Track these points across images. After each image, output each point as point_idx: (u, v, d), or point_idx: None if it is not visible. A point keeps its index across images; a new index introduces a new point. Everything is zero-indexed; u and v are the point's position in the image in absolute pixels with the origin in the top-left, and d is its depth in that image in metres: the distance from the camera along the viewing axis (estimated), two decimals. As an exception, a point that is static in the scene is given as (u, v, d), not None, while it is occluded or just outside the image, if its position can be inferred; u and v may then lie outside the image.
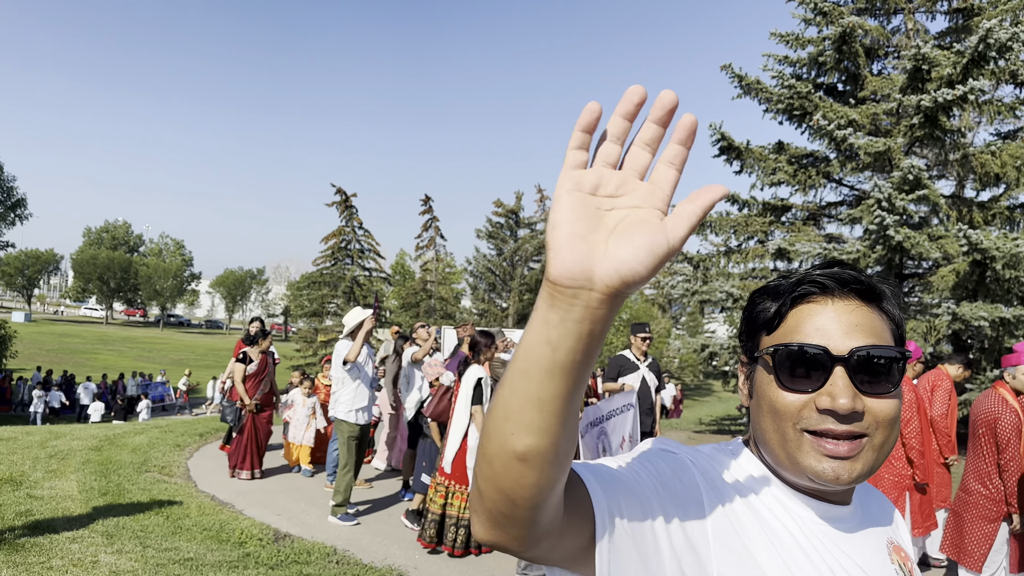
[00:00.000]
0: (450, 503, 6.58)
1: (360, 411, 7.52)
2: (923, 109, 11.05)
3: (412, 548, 6.66)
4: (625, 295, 0.70)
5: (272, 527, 7.06)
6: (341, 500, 7.40)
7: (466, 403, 6.64)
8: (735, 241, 13.86)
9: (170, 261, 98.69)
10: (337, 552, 6.43)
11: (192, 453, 10.45)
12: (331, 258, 42.85)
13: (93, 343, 67.06)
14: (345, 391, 7.48)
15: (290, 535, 6.86)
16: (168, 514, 7.09)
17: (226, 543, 6.38)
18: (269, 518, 7.39)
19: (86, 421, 23.12)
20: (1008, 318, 10.10)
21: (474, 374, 6.68)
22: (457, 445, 6.64)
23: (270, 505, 7.85)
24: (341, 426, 7.49)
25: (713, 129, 13.29)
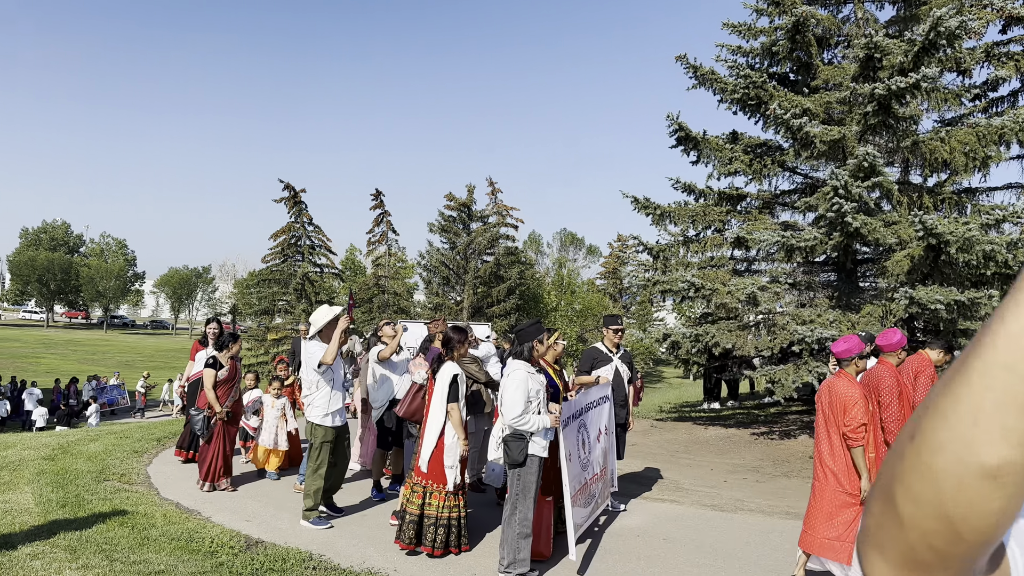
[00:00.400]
0: (428, 503, 6.49)
1: (335, 414, 7.36)
2: (876, 97, 11.24)
3: (390, 550, 6.55)
4: None
5: (243, 534, 6.88)
6: (312, 504, 7.25)
7: (442, 400, 6.54)
8: (693, 231, 13.96)
9: (112, 261, 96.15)
10: (313, 557, 6.29)
11: (151, 459, 10.15)
12: (281, 255, 42.20)
13: (34, 347, 65.06)
14: (320, 395, 7.31)
15: (262, 541, 6.68)
16: (133, 524, 6.85)
17: (197, 553, 6.18)
18: (238, 524, 7.20)
19: (31, 429, 22.35)
20: (963, 301, 10.35)
21: (449, 371, 6.59)
22: (434, 444, 6.54)
23: (238, 511, 7.65)
24: (316, 431, 7.31)
25: (671, 120, 13.35)
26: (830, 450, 5.58)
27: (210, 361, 8.24)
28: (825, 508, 5.55)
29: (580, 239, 63.18)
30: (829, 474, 5.56)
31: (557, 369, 7.13)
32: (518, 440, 5.84)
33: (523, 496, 5.88)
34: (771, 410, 15.46)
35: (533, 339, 6.19)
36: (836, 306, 12.12)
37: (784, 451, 11.27)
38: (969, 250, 10.58)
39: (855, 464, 5.44)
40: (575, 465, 6.49)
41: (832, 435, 5.58)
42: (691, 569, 6.26)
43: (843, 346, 5.75)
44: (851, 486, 5.46)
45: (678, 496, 8.80)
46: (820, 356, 11.98)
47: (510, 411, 5.78)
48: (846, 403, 5.46)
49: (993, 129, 12.18)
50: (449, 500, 6.53)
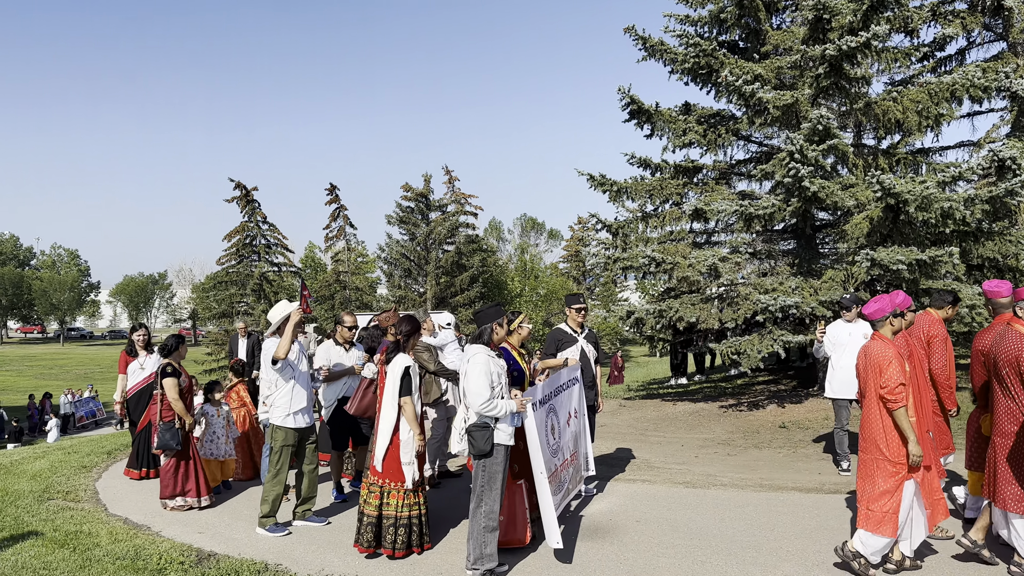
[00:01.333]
0: (386, 503, 6.17)
1: (299, 413, 6.93)
2: (828, 59, 11.09)
3: (351, 554, 6.23)
4: None
5: (195, 547, 6.50)
6: (268, 511, 6.87)
7: (394, 395, 6.21)
8: (651, 205, 13.74)
9: (65, 273, 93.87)
10: (269, 567, 5.95)
11: (100, 474, 9.67)
12: (236, 256, 41.34)
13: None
14: (280, 394, 6.88)
15: (215, 554, 6.32)
16: (76, 545, 6.44)
17: (143, 571, 5.81)
18: (190, 537, 6.81)
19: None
20: (924, 259, 10.26)
21: (401, 363, 6.25)
22: (388, 441, 6.21)
23: (190, 523, 7.25)
24: (276, 433, 6.89)
25: (622, 93, 13.08)
26: (868, 415, 5.31)
27: (168, 369, 7.60)
28: (867, 477, 5.29)
29: (541, 224, 63.06)
30: (869, 441, 5.28)
31: (523, 353, 6.86)
32: (483, 429, 5.56)
33: (488, 487, 5.60)
34: (738, 382, 15.37)
35: (492, 322, 5.91)
36: (797, 273, 11.99)
37: (753, 422, 11.14)
38: (928, 208, 10.49)
39: (899, 428, 5.12)
40: (545, 451, 6.22)
41: (868, 400, 5.30)
42: (665, 550, 6.03)
43: (874, 306, 5.45)
44: (891, 452, 5.15)
45: (650, 475, 8.59)
46: (784, 325, 11.85)
47: (476, 397, 5.50)
48: (880, 364, 5.17)
49: (944, 86, 12.11)
50: (408, 498, 6.21)
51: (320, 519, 7.18)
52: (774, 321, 11.28)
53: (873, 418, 5.27)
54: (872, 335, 5.49)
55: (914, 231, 11.10)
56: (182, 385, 7.58)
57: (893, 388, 5.08)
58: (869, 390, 5.31)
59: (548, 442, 6.39)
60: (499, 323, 5.89)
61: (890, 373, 5.11)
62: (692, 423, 11.59)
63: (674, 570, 5.65)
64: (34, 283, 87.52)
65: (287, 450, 6.92)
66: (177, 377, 7.54)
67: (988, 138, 15.86)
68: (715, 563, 5.74)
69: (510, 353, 6.63)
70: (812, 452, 9.33)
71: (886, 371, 5.13)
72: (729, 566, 5.67)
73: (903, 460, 5.15)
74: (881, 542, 5.18)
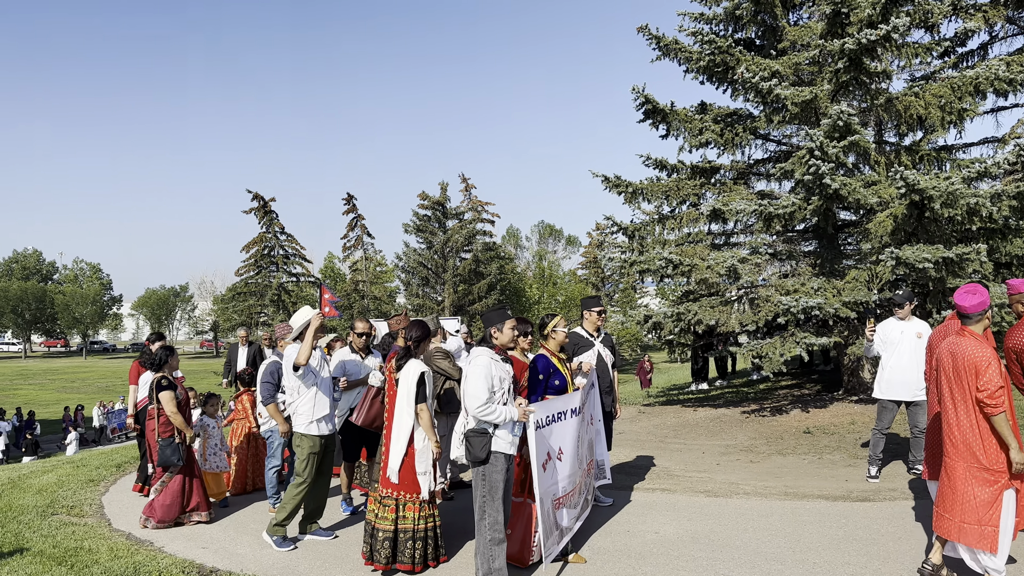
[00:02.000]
0: (403, 516, 5.90)
1: (322, 421, 6.74)
2: (847, 53, 10.76)
3: (356, 569, 6.00)
4: None
5: (197, 563, 6.30)
6: (283, 518, 6.62)
7: (409, 402, 5.94)
8: (668, 207, 13.44)
9: (87, 286, 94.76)
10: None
11: (108, 488, 9.52)
12: (254, 267, 41.47)
13: (12, 379, 64.04)
14: (303, 401, 6.70)
15: (217, 570, 6.11)
16: (74, 562, 6.25)
17: (141, 589, 5.59)
18: (194, 553, 6.61)
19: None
20: (951, 257, 9.89)
21: (416, 369, 5.99)
22: (403, 451, 5.95)
23: (195, 538, 7.05)
24: (302, 442, 6.69)
25: (636, 93, 12.80)
26: (957, 421, 4.89)
27: (164, 383, 7.36)
28: (959, 487, 4.87)
29: (559, 230, 62.76)
30: (961, 447, 4.87)
31: (563, 358, 6.52)
32: (480, 435, 5.33)
33: (491, 497, 5.34)
34: (760, 387, 15.01)
35: (494, 325, 5.65)
36: (820, 274, 11.64)
37: (777, 428, 10.79)
38: (953, 205, 10.12)
39: (999, 434, 4.73)
40: (571, 463, 5.95)
41: (960, 403, 4.88)
42: (685, 563, 5.75)
43: (975, 299, 4.95)
44: (989, 459, 4.77)
45: (669, 484, 8.29)
46: (807, 327, 11.51)
47: (473, 400, 5.24)
48: (978, 365, 4.74)
49: (967, 80, 11.74)
50: (424, 510, 5.97)
51: (327, 533, 6.96)
52: (796, 323, 10.94)
53: (965, 423, 4.87)
54: (959, 331, 5.05)
55: (939, 229, 10.73)
56: (179, 398, 7.36)
57: (994, 392, 4.68)
58: (956, 393, 4.91)
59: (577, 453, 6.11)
60: (498, 328, 5.62)
61: (990, 375, 4.71)
62: (713, 429, 11.26)
63: None
64: (57, 297, 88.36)
65: (314, 458, 6.71)
66: (174, 390, 7.32)
67: (1013, 134, 15.44)
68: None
69: (549, 360, 6.32)
70: (838, 458, 8.99)
71: (985, 373, 4.72)
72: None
73: (1002, 468, 4.77)
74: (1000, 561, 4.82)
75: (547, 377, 6.29)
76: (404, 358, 6.09)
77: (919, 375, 7.56)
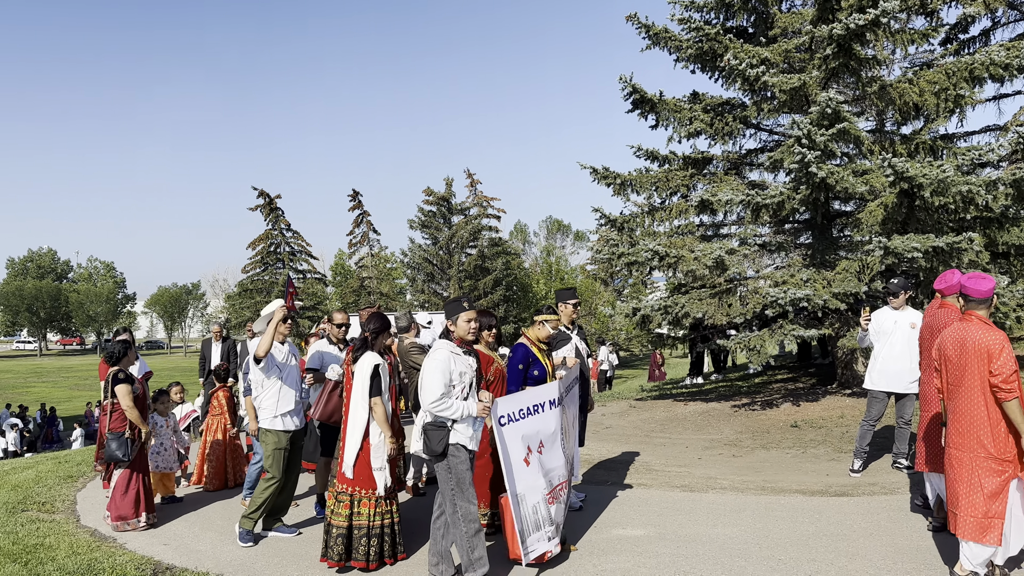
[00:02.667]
0: (357, 512, 5.79)
1: (288, 415, 6.59)
2: (835, 38, 10.53)
3: (313, 567, 5.87)
4: None
5: (154, 560, 6.19)
6: (253, 510, 6.48)
7: (364, 395, 5.82)
8: (658, 198, 13.24)
9: (101, 285, 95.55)
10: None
11: (86, 483, 9.43)
12: (260, 263, 41.51)
13: (26, 376, 64.64)
14: (267, 395, 6.55)
15: (173, 568, 6.00)
16: (28, 559, 6.16)
17: (90, 587, 5.49)
18: (154, 549, 6.51)
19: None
20: (941, 246, 9.66)
21: (369, 361, 5.86)
22: (358, 445, 5.83)
23: (158, 534, 6.95)
24: (267, 437, 6.54)
25: (624, 82, 12.60)
26: (965, 409, 4.68)
27: (121, 376, 7.18)
28: (965, 479, 4.67)
29: (567, 226, 62.39)
30: (968, 437, 4.67)
31: (544, 348, 6.35)
32: (438, 429, 5.14)
33: (460, 490, 5.17)
34: (756, 380, 14.79)
35: (453, 316, 5.43)
36: (811, 265, 11.42)
37: (765, 422, 10.59)
38: (945, 193, 9.88)
39: (1010, 420, 4.52)
40: (555, 455, 5.77)
41: (967, 391, 4.67)
42: (647, 560, 5.59)
43: (987, 284, 4.74)
44: (998, 448, 4.56)
45: (647, 479, 8.12)
46: (798, 319, 11.29)
47: (427, 394, 5.06)
48: (991, 349, 4.54)
49: (962, 66, 11.47)
50: (380, 506, 5.84)
51: (290, 530, 6.84)
52: (785, 315, 10.74)
53: (974, 411, 4.64)
54: (965, 316, 4.83)
55: (931, 218, 10.49)
56: (135, 392, 7.22)
57: (1008, 376, 4.47)
58: (964, 380, 4.69)
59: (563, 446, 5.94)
60: (453, 320, 5.41)
61: (1004, 359, 4.50)
62: (701, 424, 11.07)
63: None
64: (71, 295, 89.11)
65: (280, 453, 6.57)
66: (130, 383, 7.17)
67: (1016, 121, 15.13)
68: (699, 573, 5.28)
69: (528, 349, 6.15)
70: (822, 452, 8.79)
71: (999, 358, 4.52)
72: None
73: (1011, 457, 4.58)
74: (986, 552, 4.64)
75: (526, 367, 6.10)
76: (360, 350, 5.96)
77: (912, 366, 7.35)
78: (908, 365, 7.40)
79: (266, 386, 6.56)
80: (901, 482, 7.23)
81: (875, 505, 6.60)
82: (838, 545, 5.66)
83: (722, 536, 6.05)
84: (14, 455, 22.33)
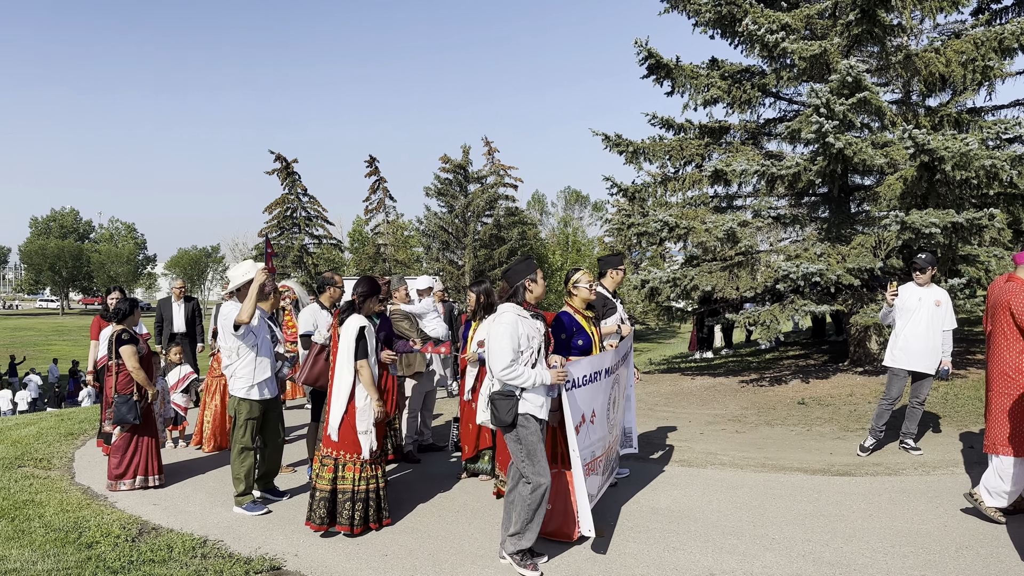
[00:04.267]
0: (341, 476, 5.70)
1: (263, 384, 6.46)
2: (859, 3, 10.13)
3: (298, 532, 5.79)
4: None
5: (141, 520, 6.15)
6: (243, 488, 6.38)
7: (349, 358, 5.70)
8: (672, 168, 12.93)
9: (122, 246, 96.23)
10: (207, 544, 5.55)
11: (86, 441, 9.44)
12: (277, 228, 41.51)
13: (47, 334, 65.59)
14: (243, 363, 6.38)
15: (159, 528, 5.94)
16: (16, 515, 6.14)
17: (71, 544, 5.44)
18: (142, 509, 6.46)
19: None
20: (961, 222, 9.33)
21: (355, 323, 5.71)
22: (343, 408, 5.72)
23: (149, 495, 6.91)
24: (240, 406, 6.40)
25: (639, 46, 12.23)
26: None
27: (125, 336, 7.04)
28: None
29: (585, 196, 61.89)
30: None
31: (590, 317, 5.88)
32: (506, 398, 4.83)
33: (530, 461, 4.84)
34: (767, 356, 14.55)
35: (524, 278, 5.07)
36: (825, 239, 11.13)
37: (772, 398, 10.39)
38: (967, 167, 9.53)
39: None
40: (601, 427, 5.52)
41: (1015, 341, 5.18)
42: (637, 535, 5.44)
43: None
44: None
45: (644, 452, 7.96)
46: (810, 294, 11.03)
47: (497, 362, 4.74)
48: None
49: (992, 35, 11.03)
50: (366, 471, 5.74)
51: (280, 495, 6.75)
52: (796, 290, 10.49)
53: None
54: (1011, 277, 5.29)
55: (952, 193, 10.12)
56: (141, 352, 7.13)
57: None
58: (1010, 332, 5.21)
59: (608, 416, 5.70)
60: (531, 279, 5.07)
61: None
62: (706, 398, 10.88)
63: (640, 556, 5.06)
64: (92, 256, 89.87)
65: (251, 423, 6.45)
66: (135, 344, 7.09)
67: (1047, 95, 14.63)
68: (688, 550, 5.13)
69: (573, 318, 5.74)
70: (828, 431, 8.59)
71: None
72: (703, 554, 5.06)
73: None
74: None
75: (570, 336, 5.71)
76: (347, 312, 5.83)
77: (933, 345, 7.14)
78: (930, 344, 7.16)
79: (242, 354, 6.38)
80: (906, 463, 7.03)
81: (877, 486, 6.41)
82: (835, 526, 5.48)
83: (715, 513, 5.89)
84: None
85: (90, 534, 5.68)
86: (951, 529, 5.30)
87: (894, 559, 4.83)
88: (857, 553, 4.96)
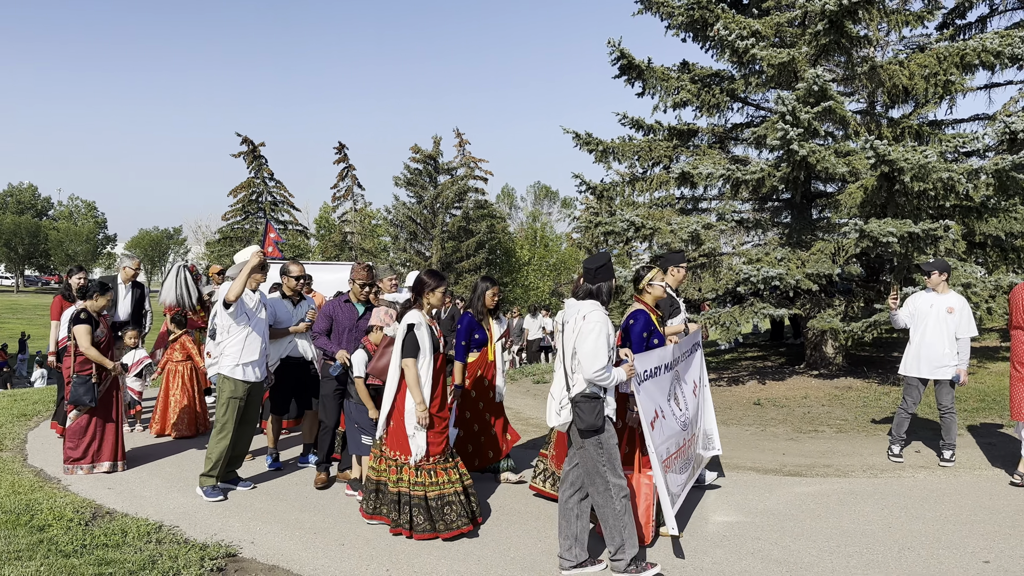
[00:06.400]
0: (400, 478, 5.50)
1: (250, 366, 6.44)
2: (828, 14, 10.34)
3: (256, 519, 5.78)
4: None
5: (95, 504, 6.10)
6: (209, 468, 6.34)
7: (397, 355, 5.53)
8: (640, 168, 13.08)
9: (82, 224, 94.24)
10: (162, 529, 5.52)
11: (40, 422, 9.32)
12: (241, 211, 41.05)
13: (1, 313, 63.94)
14: (232, 341, 6.38)
15: (113, 512, 5.90)
16: (-35, 497, 6.04)
17: (23, 527, 5.38)
18: (97, 493, 6.40)
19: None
20: (917, 233, 9.58)
21: (405, 320, 5.52)
22: (389, 406, 5.57)
23: (104, 479, 6.85)
24: (225, 384, 6.38)
25: (612, 46, 12.34)
26: None
27: (82, 316, 6.92)
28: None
29: (555, 192, 62.01)
30: None
31: (660, 315, 5.68)
32: (593, 400, 4.60)
33: (611, 466, 4.68)
34: (725, 356, 14.79)
35: (612, 277, 4.86)
36: (786, 244, 11.35)
37: (728, 398, 10.57)
38: (925, 179, 9.78)
39: None
40: (671, 423, 5.41)
41: None
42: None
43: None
44: None
45: (604, 449, 8.05)
46: (770, 298, 11.24)
47: (594, 362, 4.49)
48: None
49: (955, 50, 11.32)
50: (421, 476, 5.45)
51: (246, 484, 6.72)
52: (756, 293, 10.68)
53: None
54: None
55: (911, 204, 10.39)
56: (99, 336, 7.03)
57: None
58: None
59: (674, 412, 5.57)
60: (614, 279, 4.85)
61: None
62: (666, 397, 11.03)
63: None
64: (51, 233, 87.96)
65: (234, 403, 6.42)
66: (92, 325, 6.98)
67: (1005, 111, 15.03)
68: (640, 547, 5.22)
69: (649, 317, 5.49)
70: (781, 431, 8.78)
71: None
72: (653, 551, 5.16)
73: None
74: None
75: (650, 334, 5.46)
76: (404, 308, 5.75)
77: (945, 352, 7.13)
78: (939, 351, 7.16)
79: (232, 332, 6.40)
80: (854, 465, 7.22)
81: (827, 487, 6.58)
82: (784, 524, 5.63)
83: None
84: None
85: (42, 517, 5.62)
86: (895, 531, 5.46)
87: (839, 559, 4.98)
88: (804, 552, 5.10)
